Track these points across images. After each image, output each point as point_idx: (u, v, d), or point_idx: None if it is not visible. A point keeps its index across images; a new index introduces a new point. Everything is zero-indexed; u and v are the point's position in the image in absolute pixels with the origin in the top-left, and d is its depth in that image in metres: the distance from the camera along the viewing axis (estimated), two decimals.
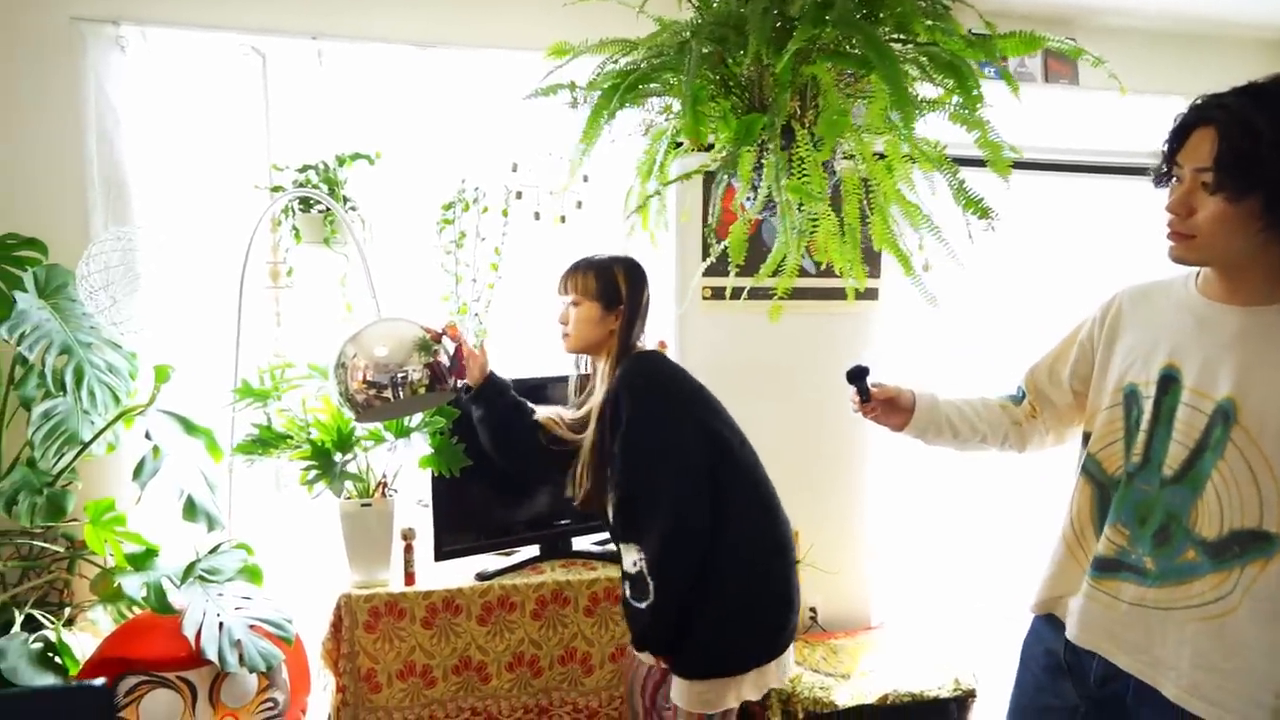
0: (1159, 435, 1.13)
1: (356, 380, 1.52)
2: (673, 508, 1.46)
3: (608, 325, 1.61)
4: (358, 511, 1.96)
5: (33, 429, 1.76)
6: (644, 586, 1.49)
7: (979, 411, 1.40)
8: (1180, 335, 1.15)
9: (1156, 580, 1.12)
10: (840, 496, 2.68)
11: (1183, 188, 1.09)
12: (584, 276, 1.62)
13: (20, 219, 1.92)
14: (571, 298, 1.63)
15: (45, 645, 1.77)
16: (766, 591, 1.56)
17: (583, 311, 1.61)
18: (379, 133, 2.14)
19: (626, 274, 1.63)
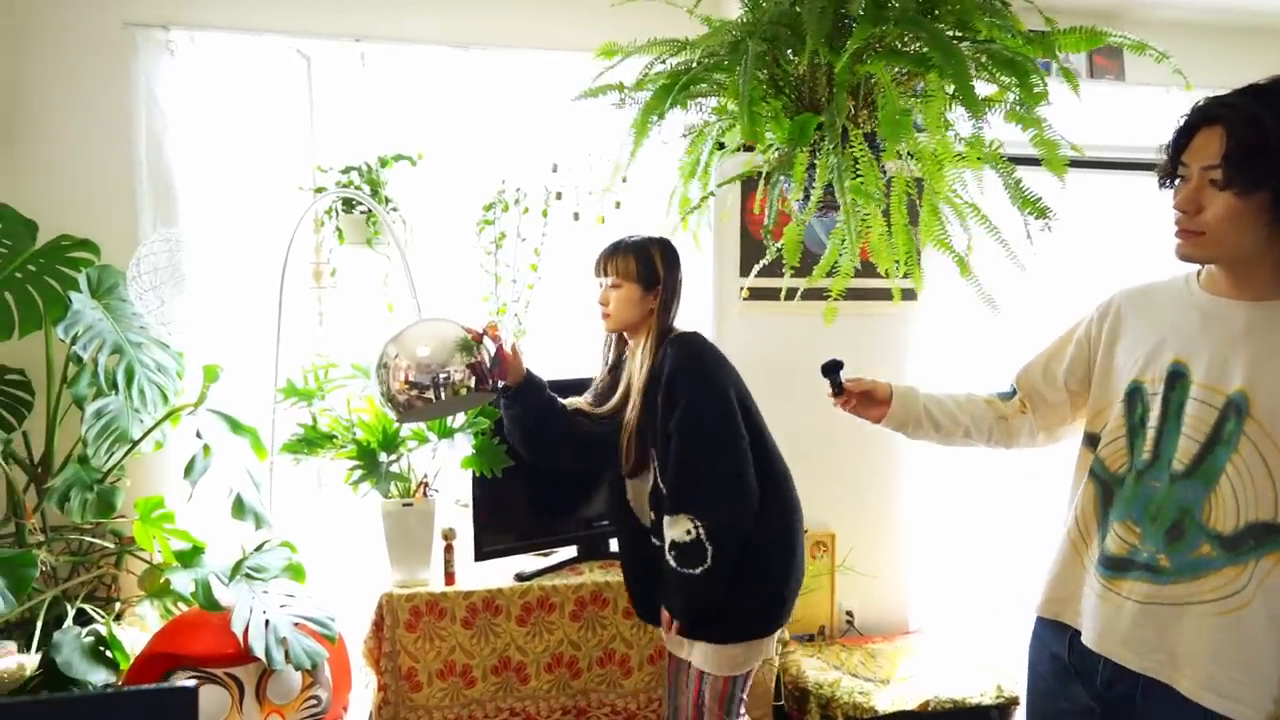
0: (1168, 431, 1.14)
1: (398, 381, 1.53)
2: (735, 478, 1.56)
3: (647, 305, 1.67)
4: (399, 511, 1.97)
5: (86, 427, 1.79)
6: (699, 553, 1.54)
7: (962, 406, 1.42)
8: (1186, 332, 1.16)
9: (1171, 576, 1.12)
10: (879, 499, 2.65)
11: (1190, 185, 1.11)
12: (623, 259, 1.67)
13: (72, 220, 1.96)
14: (611, 280, 1.67)
15: (96, 639, 1.80)
16: (795, 555, 1.67)
17: (623, 293, 1.66)
18: (420, 134, 2.15)
19: (663, 255, 1.69)
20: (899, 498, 2.67)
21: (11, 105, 2.00)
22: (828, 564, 2.57)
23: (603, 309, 1.70)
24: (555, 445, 1.76)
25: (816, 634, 2.57)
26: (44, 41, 2.00)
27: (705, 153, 1.71)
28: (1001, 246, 1.30)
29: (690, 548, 1.55)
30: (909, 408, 1.42)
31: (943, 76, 1.16)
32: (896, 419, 1.42)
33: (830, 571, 2.56)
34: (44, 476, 1.97)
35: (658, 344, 1.64)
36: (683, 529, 1.55)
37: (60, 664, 1.67)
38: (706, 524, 1.53)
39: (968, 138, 1.29)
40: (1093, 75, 2.43)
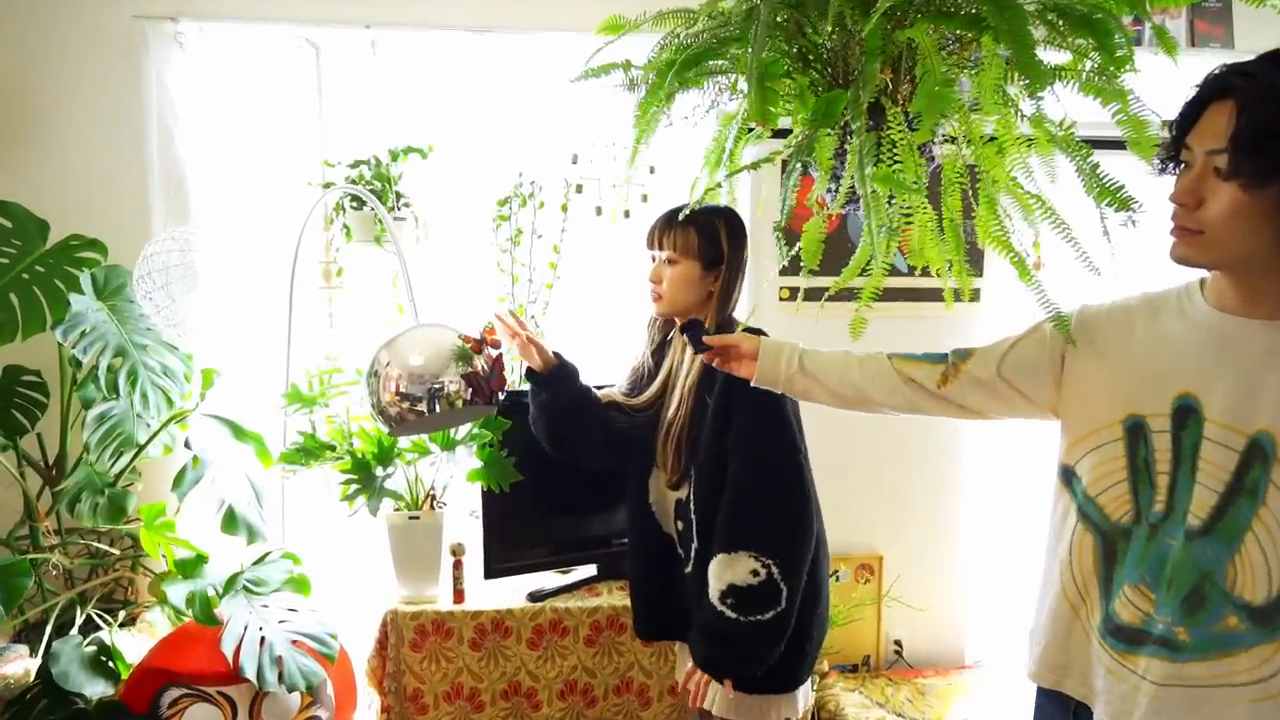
0: (1181, 478, 0.97)
1: (389, 392, 1.41)
2: (803, 506, 1.38)
3: (706, 287, 1.46)
4: (405, 524, 1.87)
5: (88, 432, 1.75)
6: (771, 595, 1.33)
7: (855, 363, 1.26)
8: (1193, 357, 0.98)
9: (1192, 654, 0.95)
10: (931, 520, 2.41)
11: (1191, 173, 0.94)
12: (683, 231, 1.44)
13: (84, 219, 1.92)
14: (666, 254, 1.46)
15: (99, 649, 1.76)
16: (820, 602, 1.47)
17: (680, 271, 1.45)
18: (433, 125, 2.04)
19: (729, 229, 1.46)
20: (954, 518, 2.42)
21: (23, 104, 1.98)
22: (873, 590, 2.35)
23: (654, 288, 1.48)
24: (583, 439, 1.57)
25: (860, 665, 2.36)
26: (54, 38, 1.96)
27: (731, 138, 1.53)
28: (1072, 245, 1.08)
29: (759, 591, 1.32)
30: (777, 362, 1.27)
31: (998, 40, 0.95)
32: (765, 375, 1.27)
33: (876, 599, 2.34)
34: (57, 479, 1.95)
35: (719, 332, 1.42)
36: (747, 570, 1.32)
37: (56, 675, 1.62)
38: (779, 561, 1.33)
39: (1032, 116, 1.07)
40: (1194, 44, 2.12)
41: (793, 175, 1.12)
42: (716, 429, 1.40)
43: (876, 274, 1.17)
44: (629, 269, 2.17)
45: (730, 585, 1.34)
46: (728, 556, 1.35)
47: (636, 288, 2.18)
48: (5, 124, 1.95)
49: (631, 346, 2.18)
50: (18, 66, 1.95)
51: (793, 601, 1.34)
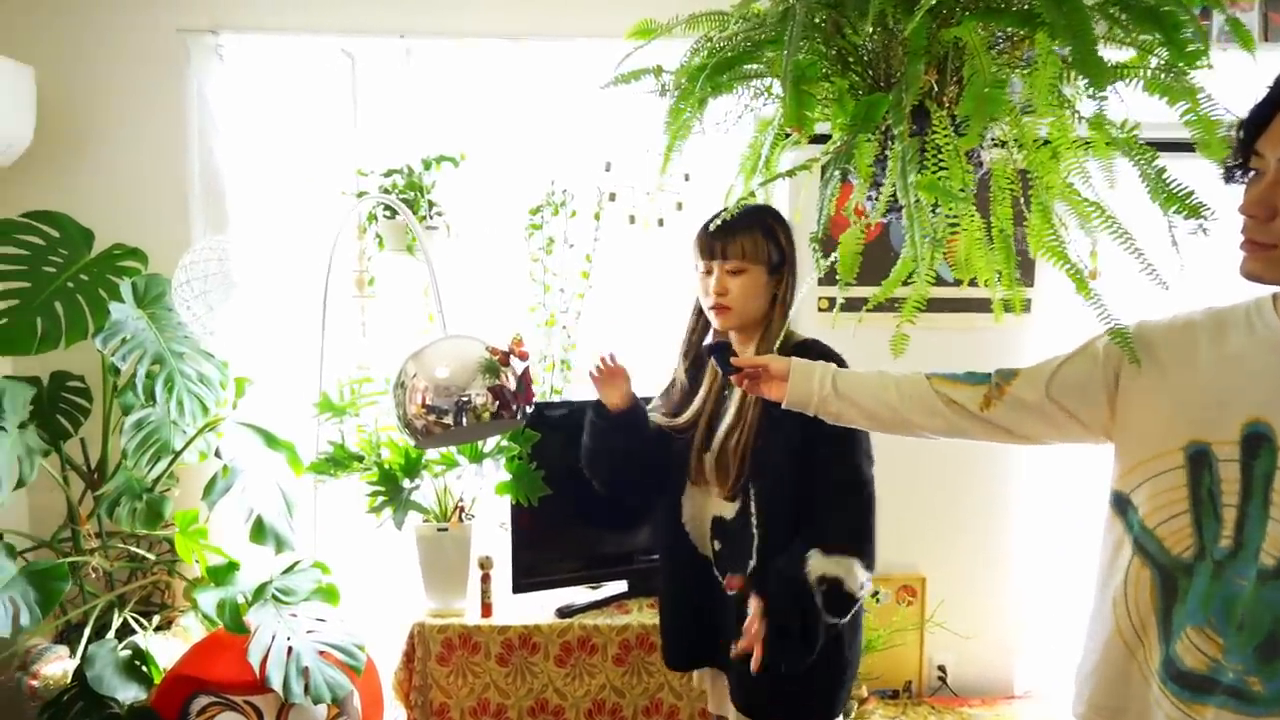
0: (1252, 512, 0.90)
1: (415, 404, 1.39)
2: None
3: (770, 291, 1.41)
4: (434, 536, 1.85)
5: (125, 438, 1.77)
6: (849, 603, 1.30)
7: (892, 383, 1.20)
8: (1265, 381, 0.91)
9: (1269, 706, 0.88)
10: (979, 542, 2.30)
11: (1264, 182, 0.87)
12: (750, 237, 1.36)
13: (127, 228, 1.96)
14: (733, 263, 1.37)
15: (134, 653, 1.77)
16: (859, 630, 1.46)
17: (750, 279, 1.37)
18: (466, 133, 2.02)
19: (785, 229, 1.41)
20: (1004, 539, 2.31)
21: (73, 118, 2.03)
22: (916, 613, 2.25)
23: (717, 300, 1.38)
24: (641, 482, 1.50)
25: (901, 691, 2.26)
26: (101, 54, 2.01)
27: (767, 144, 1.48)
28: (1136, 255, 1.00)
29: (851, 603, 1.29)
30: (809, 383, 1.21)
31: (1054, 36, 0.89)
32: (797, 397, 1.21)
33: (919, 623, 2.25)
34: (99, 483, 1.99)
35: (783, 346, 1.34)
36: (857, 579, 1.29)
37: (91, 678, 1.64)
38: (868, 576, 1.31)
39: (1091, 118, 1.00)
40: (1267, 38, 1.98)
41: (831, 182, 1.06)
42: (793, 438, 1.31)
43: (920, 286, 1.11)
44: (663, 278, 2.13)
45: (835, 580, 1.27)
46: (837, 559, 1.28)
47: (671, 297, 2.16)
48: (56, 137, 2.00)
49: (668, 356, 2.14)
50: (68, 83, 2.00)
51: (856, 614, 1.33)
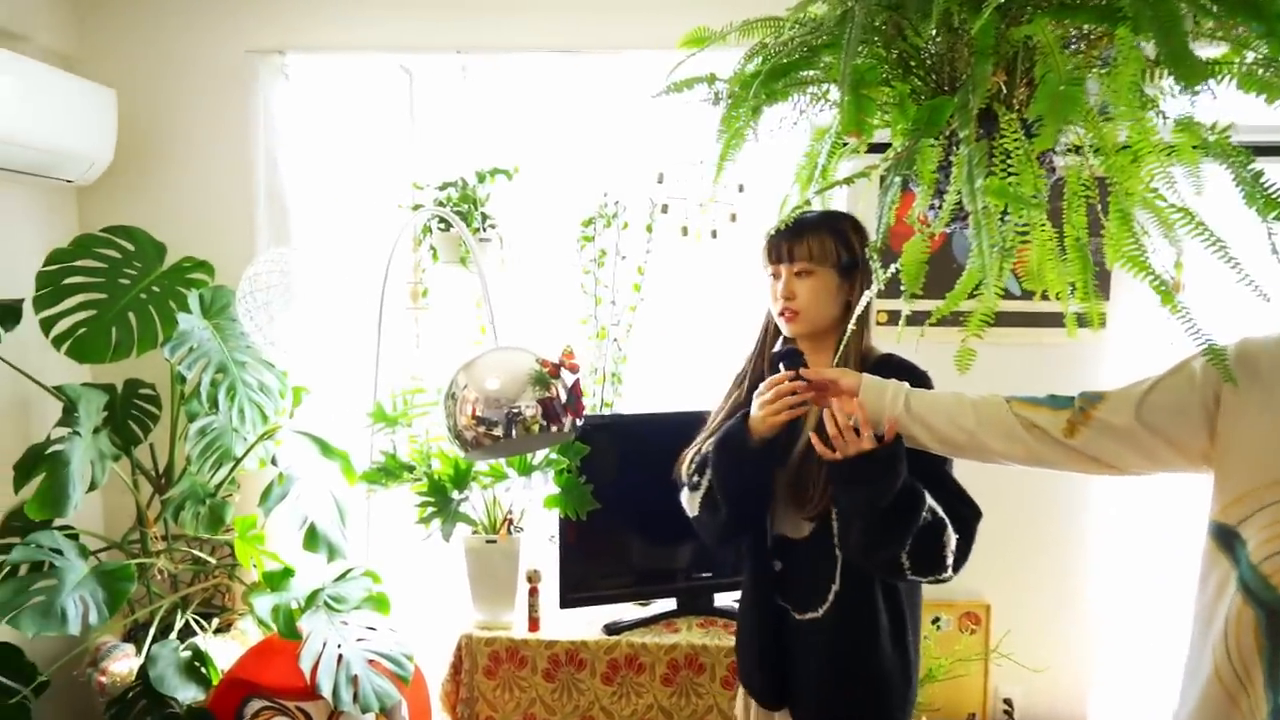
0: None
1: (465, 415, 1.39)
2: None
3: (843, 296, 1.33)
4: (482, 548, 1.85)
5: (189, 444, 1.83)
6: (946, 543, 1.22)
7: (969, 405, 1.15)
8: None
9: None
10: (1048, 567, 2.18)
11: None
12: (818, 237, 1.30)
13: (197, 242, 2.03)
14: (801, 265, 1.31)
15: (194, 654, 1.82)
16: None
17: (819, 282, 1.30)
18: (520, 147, 2.04)
19: (857, 230, 1.34)
20: (1077, 568, 2.18)
21: (148, 136, 2.12)
22: (979, 641, 2.14)
23: (786, 305, 1.31)
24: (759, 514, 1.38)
25: None
26: (175, 75, 2.10)
27: (824, 153, 1.44)
28: (1232, 266, 0.92)
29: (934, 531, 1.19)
30: (880, 400, 1.16)
31: (1138, 31, 0.83)
32: (866, 415, 1.15)
33: (983, 653, 2.14)
34: (165, 487, 2.05)
35: (861, 356, 1.28)
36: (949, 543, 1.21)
37: (154, 678, 1.69)
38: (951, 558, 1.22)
39: (1178, 119, 0.93)
40: None
41: (891, 190, 1.01)
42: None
43: (987, 299, 1.05)
44: (716, 291, 2.10)
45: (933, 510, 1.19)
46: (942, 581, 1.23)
47: (724, 310, 2.13)
48: (134, 156, 2.10)
49: (720, 372, 2.10)
50: (145, 104, 2.10)
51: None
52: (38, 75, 1.77)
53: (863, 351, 1.33)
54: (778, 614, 1.36)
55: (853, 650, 1.29)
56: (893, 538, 1.16)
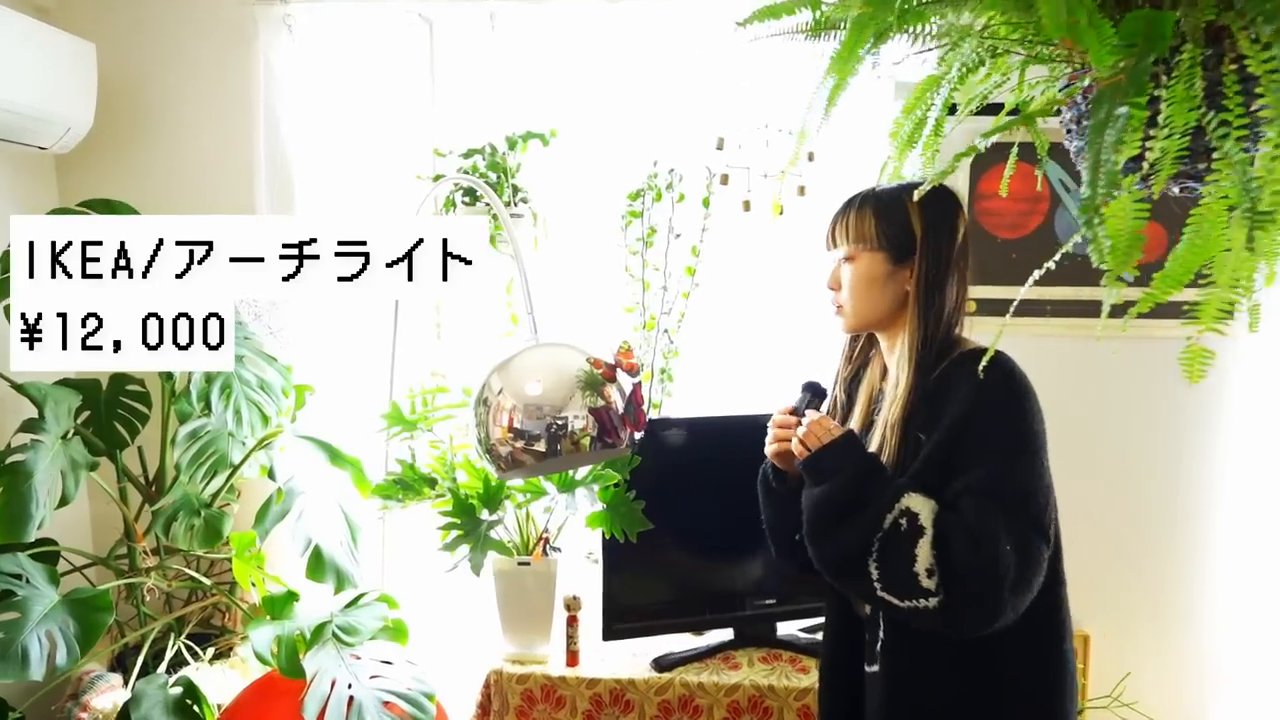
0: None
1: (500, 426, 1.13)
2: (1033, 582, 1.06)
3: (899, 286, 1.12)
4: (514, 571, 1.60)
5: (178, 451, 1.59)
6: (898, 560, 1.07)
7: None
8: None
9: None
10: (1170, 605, 1.88)
11: None
12: (859, 214, 1.13)
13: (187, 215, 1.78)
14: (843, 250, 1.14)
15: (185, 690, 1.59)
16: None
17: (860, 268, 1.12)
18: (557, 109, 1.77)
19: (925, 207, 1.10)
20: (1205, 605, 1.88)
21: (135, 100, 1.89)
22: None
23: (834, 297, 1.17)
24: None
25: None
26: (164, 32, 1.87)
27: (934, 113, 1.16)
28: None
29: (902, 547, 1.03)
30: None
31: None
32: None
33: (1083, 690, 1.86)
34: (156, 496, 1.83)
35: (921, 354, 1.08)
36: (924, 564, 1.04)
37: None
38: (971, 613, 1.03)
39: None
40: None
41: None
42: (935, 474, 1.04)
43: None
44: (782, 275, 1.83)
45: (913, 515, 1.01)
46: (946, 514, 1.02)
47: (792, 298, 1.86)
48: (117, 120, 1.86)
49: (787, 369, 1.83)
50: (129, 61, 1.86)
51: None
52: (4, 23, 1.52)
53: (936, 348, 1.09)
54: (847, 663, 1.19)
55: (912, 716, 1.08)
56: (827, 536, 1.04)
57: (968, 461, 1.02)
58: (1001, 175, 1.30)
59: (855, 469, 1.04)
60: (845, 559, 1.02)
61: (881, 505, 1.01)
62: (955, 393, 1.05)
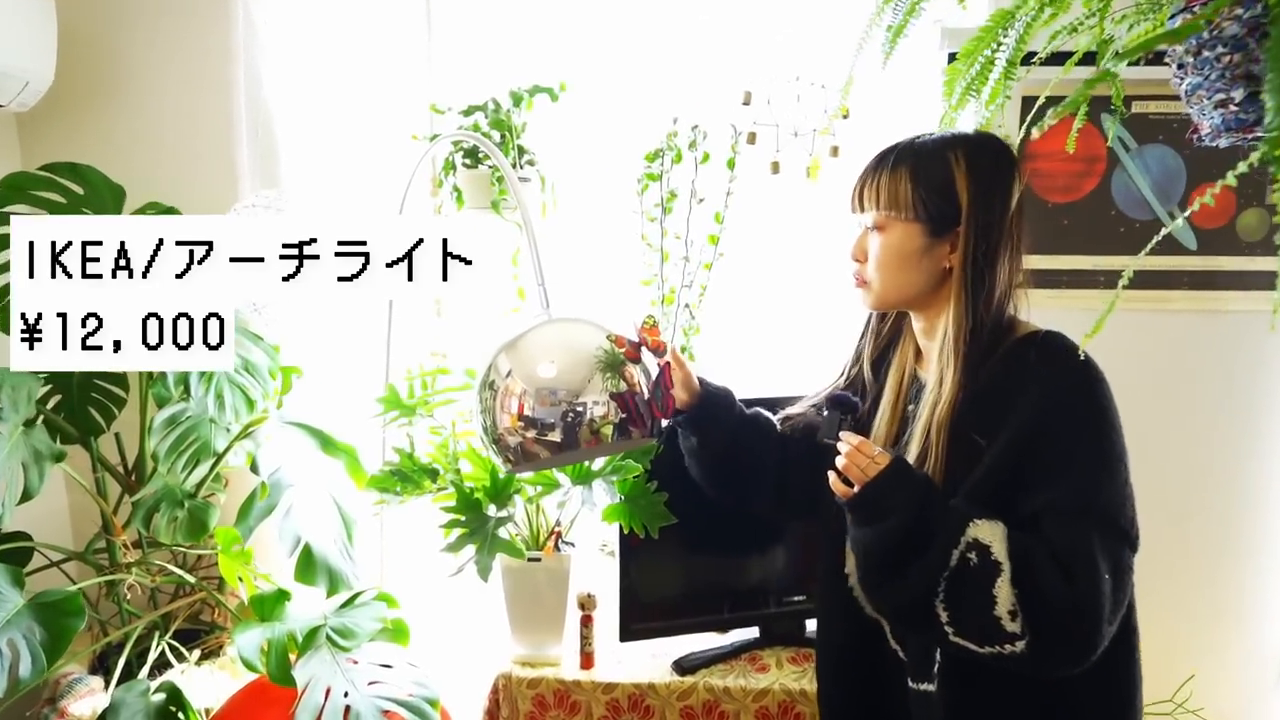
0: None
1: (509, 413, 0.99)
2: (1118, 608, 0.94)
3: (937, 262, 0.96)
4: (523, 567, 1.48)
5: (155, 439, 1.45)
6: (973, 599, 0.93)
7: None
8: None
9: None
10: (1233, 603, 1.74)
11: None
12: (891, 176, 0.95)
13: (160, 183, 1.64)
14: (871, 216, 0.98)
15: (169, 696, 1.47)
16: None
17: (891, 239, 0.96)
18: (568, 59, 1.61)
19: (970, 163, 0.93)
20: (1265, 590, 1.75)
21: (97, 51, 1.71)
22: None
23: (857, 269, 1.01)
24: (752, 484, 1.16)
25: None
26: None
27: (1004, 54, 1.02)
28: None
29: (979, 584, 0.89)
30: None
31: None
32: None
33: None
34: (136, 486, 1.70)
35: (970, 346, 0.92)
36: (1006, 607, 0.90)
37: None
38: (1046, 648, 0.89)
39: None
40: None
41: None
42: (1000, 486, 0.89)
43: None
44: (816, 244, 1.68)
45: (985, 549, 0.86)
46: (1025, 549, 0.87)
47: (824, 269, 1.71)
48: (80, 76, 1.69)
49: (818, 346, 1.68)
50: (93, 10, 1.68)
51: None
52: None
53: (986, 330, 0.93)
54: (874, 660, 1.04)
55: None
56: (889, 576, 0.88)
57: (1047, 473, 0.87)
58: (1054, 132, 1.15)
59: (910, 504, 0.88)
60: (908, 604, 0.88)
61: (945, 540, 0.86)
62: (1019, 388, 0.90)
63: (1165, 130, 1.61)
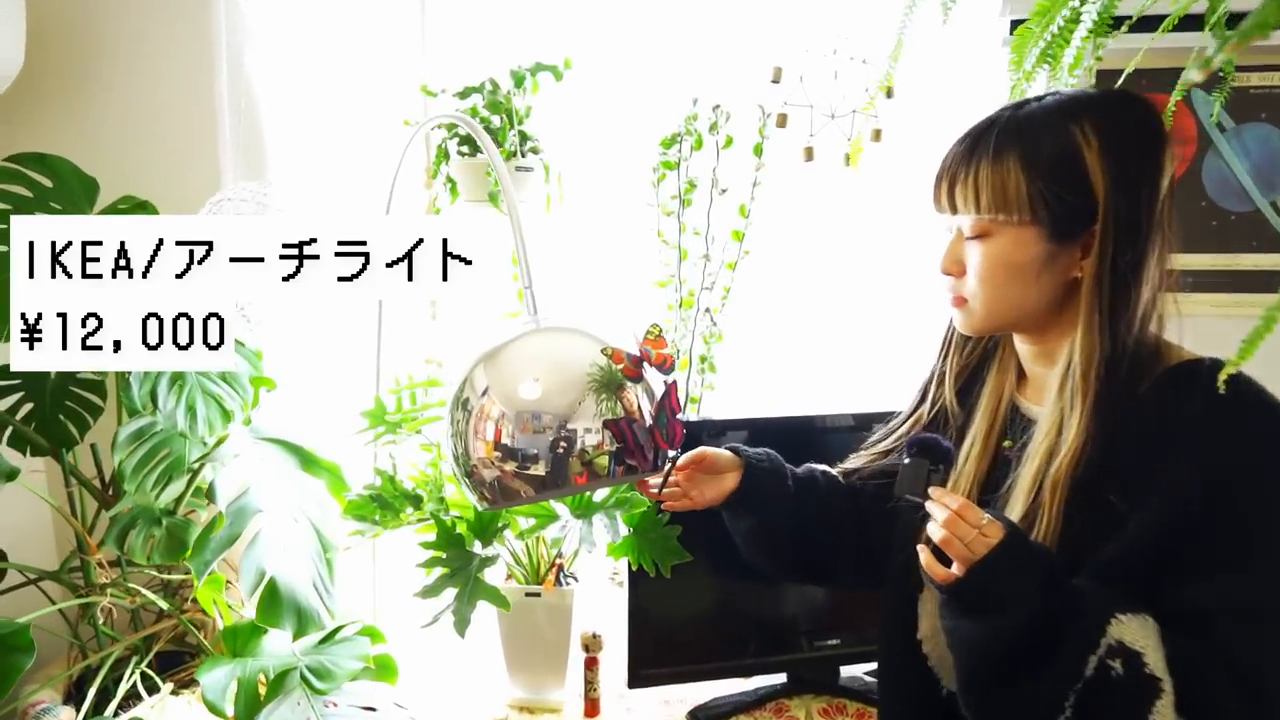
0: None
1: (484, 441, 0.83)
2: None
3: (1061, 271, 0.75)
4: (521, 603, 1.32)
5: (119, 454, 1.33)
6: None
7: None
8: None
9: None
10: None
11: None
12: (995, 166, 0.73)
13: (135, 175, 1.52)
14: (968, 221, 0.77)
15: None
16: None
17: (1001, 248, 0.75)
18: (575, 34, 1.45)
19: (1106, 136, 0.72)
20: None
21: (69, 35, 1.60)
22: None
23: (951, 284, 0.81)
24: (830, 562, 1.02)
25: None
26: None
27: (1089, 17, 0.83)
28: None
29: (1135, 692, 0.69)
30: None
31: None
32: None
33: None
34: (113, 500, 1.58)
35: (1107, 382, 0.72)
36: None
37: None
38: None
39: None
40: None
41: None
42: (1151, 567, 0.69)
43: None
44: (854, 240, 1.50)
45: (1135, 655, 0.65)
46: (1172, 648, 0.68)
47: (866, 267, 1.51)
48: (51, 61, 1.58)
49: (858, 360, 1.50)
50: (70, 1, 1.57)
51: None
52: None
53: (1128, 359, 0.71)
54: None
55: None
56: (994, 690, 0.69)
57: (1220, 557, 0.66)
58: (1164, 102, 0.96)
59: (1032, 591, 0.67)
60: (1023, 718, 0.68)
61: (1080, 643, 0.66)
62: (1175, 437, 0.69)
63: (1269, 106, 1.39)
